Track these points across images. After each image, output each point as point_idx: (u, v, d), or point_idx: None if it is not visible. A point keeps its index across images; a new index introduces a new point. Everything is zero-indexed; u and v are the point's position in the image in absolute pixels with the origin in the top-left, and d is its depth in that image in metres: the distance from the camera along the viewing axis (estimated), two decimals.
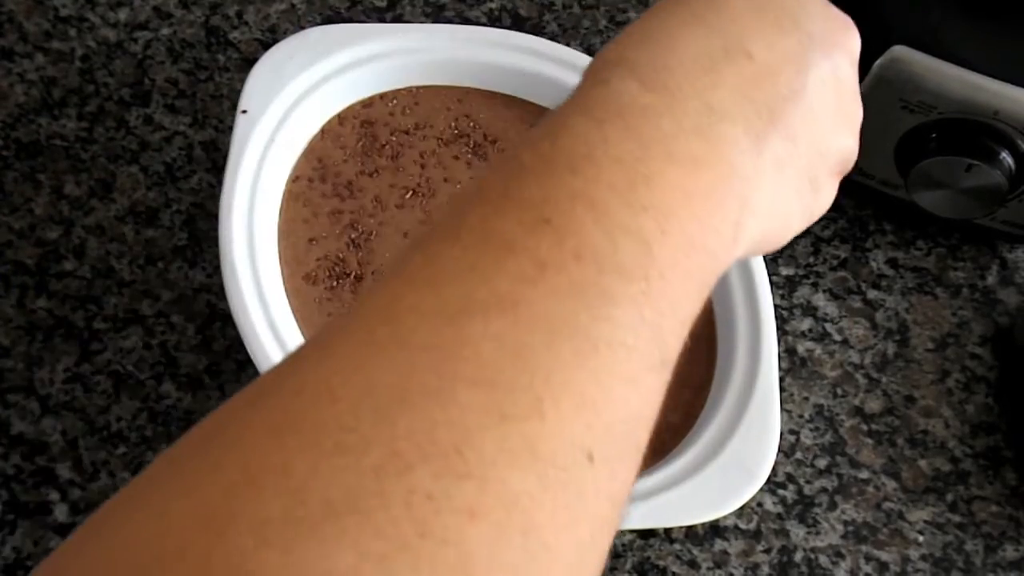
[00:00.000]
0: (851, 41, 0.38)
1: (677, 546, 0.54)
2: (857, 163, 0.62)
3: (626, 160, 0.30)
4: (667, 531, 0.54)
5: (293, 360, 0.27)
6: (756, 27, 0.35)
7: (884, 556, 0.55)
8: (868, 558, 0.55)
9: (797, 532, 0.55)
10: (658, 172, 0.30)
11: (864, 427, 0.58)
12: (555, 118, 0.32)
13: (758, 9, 0.36)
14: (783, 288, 0.62)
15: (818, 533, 0.55)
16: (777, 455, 0.52)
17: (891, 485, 0.57)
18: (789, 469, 0.57)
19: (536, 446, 0.25)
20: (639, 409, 0.29)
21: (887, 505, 0.56)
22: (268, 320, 0.50)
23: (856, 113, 0.39)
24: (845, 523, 0.56)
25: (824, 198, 0.39)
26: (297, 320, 0.52)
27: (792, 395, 0.59)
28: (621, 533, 0.54)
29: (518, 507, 0.24)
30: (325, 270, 0.54)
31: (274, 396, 0.26)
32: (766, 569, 0.54)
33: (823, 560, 0.55)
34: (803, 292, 0.62)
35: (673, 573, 0.53)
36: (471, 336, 0.26)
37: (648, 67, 0.33)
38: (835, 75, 0.37)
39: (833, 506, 0.56)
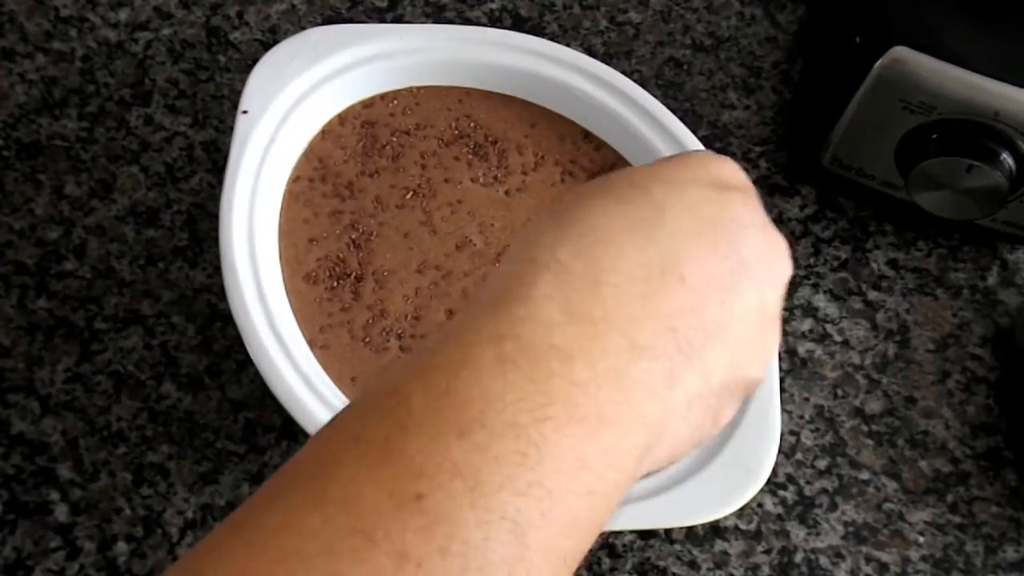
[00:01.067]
0: (783, 270, 0.37)
1: (677, 547, 0.54)
2: (858, 163, 0.62)
3: (521, 424, 0.28)
4: (667, 532, 0.54)
5: None
6: (694, 245, 0.34)
7: (884, 557, 0.55)
8: (868, 559, 0.55)
9: (797, 533, 0.55)
10: (554, 437, 0.28)
11: (864, 428, 0.58)
12: (460, 335, 0.30)
13: (699, 222, 0.34)
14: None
15: (818, 534, 0.55)
16: (777, 456, 0.52)
17: (891, 486, 0.57)
18: (789, 470, 0.57)
19: None
20: None
21: (887, 506, 0.56)
22: (268, 320, 0.50)
23: (772, 341, 0.38)
24: (845, 524, 0.56)
25: (721, 424, 0.37)
26: (297, 320, 0.52)
27: (792, 396, 0.59)
28: (621, 534, 0.54)
29: None
30: (325, 270, 0.54)
31: None
32: (766, 570, 0.54)
33: (823, 561, 0.55)
34: (804, 293, 0.62)
35: (673, 574, 0.53)
36: None
37: (578, 284, 0.31)
38: (760, 306, 0.36)
39: (833, 507, 0.56)
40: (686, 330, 0.32)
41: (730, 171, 0.38)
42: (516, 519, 0.27)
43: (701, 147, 0.59)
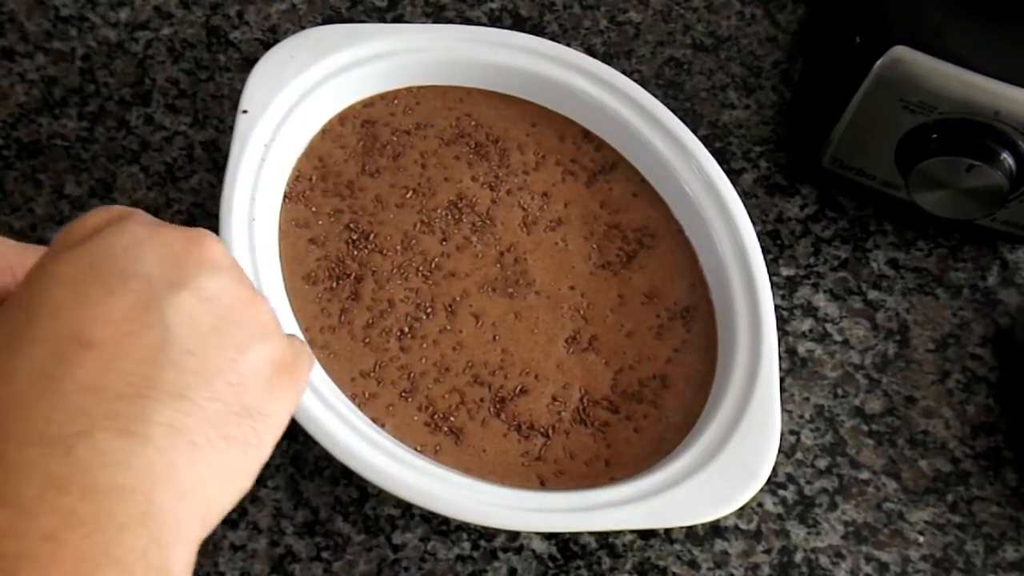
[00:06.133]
0: (204, 254, 0.34)
1: (677, 546, 0.54)
2: (858, 163, 0.62)
3: None
4: (667, 531, 0.54)
5: None
6: (85, 307, 0.31)
7: (884, 557, 0.55)
8: (868, 559, 0.55)
9: (797, 532, 0.55)
10: None
11: (864, 427, 0.58)
12: None
13: (78, 284, 0.32)
14: (784, 288, 0.62)
15: (818, 534, 0.55)
16: (777, 455, 0.52)
17: (891, 486, 0.57)
18: (789, 469, 0.57)
19: None
20: None
21: (887, 506, 0.56)
22: None
23: (255, 317, 0.35)
24: (845, 523, 0.56)
25: (279, 413, 0.35)
26: (297, 320, 0.52)
27: (792, 395, 0.59)
28: (621, 534, 0.54)
29: None
30: (325, 270, 0.54)
31: None
32: (766, 569, 0.54)
33: (823, 561, 0.55)
34: (804, 292, 0.62)
35: (673, 573, 0.53)
36: None
37: None
38: (200, 298, 0.33)
39: (833, 506, 0.56)
40: (120, 378, 0.30)
41: (78, 227, 0.35)
42: None
43: (701, 147, 0.59)
